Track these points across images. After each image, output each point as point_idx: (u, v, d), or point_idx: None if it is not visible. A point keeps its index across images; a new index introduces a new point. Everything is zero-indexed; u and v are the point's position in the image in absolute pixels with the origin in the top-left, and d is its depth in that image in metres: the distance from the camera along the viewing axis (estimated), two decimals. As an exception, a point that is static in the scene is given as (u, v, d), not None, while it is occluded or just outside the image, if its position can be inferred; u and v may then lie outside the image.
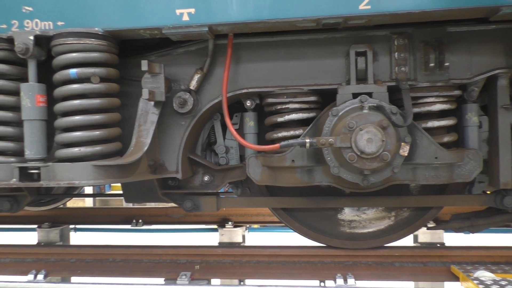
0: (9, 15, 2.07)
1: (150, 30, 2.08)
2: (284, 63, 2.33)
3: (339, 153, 2.09)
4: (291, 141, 2.12)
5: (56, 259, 2.90)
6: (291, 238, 4.87)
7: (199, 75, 2.33)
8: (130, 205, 11.33)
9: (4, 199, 2.72)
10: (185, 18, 2.01)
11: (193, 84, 2.33)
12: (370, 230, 2.81)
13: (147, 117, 2.28)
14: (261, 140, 2.55)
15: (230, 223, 4.31)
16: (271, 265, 2.79)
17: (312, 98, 2.37)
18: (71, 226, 4.54)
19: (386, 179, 2.21)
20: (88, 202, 11.34)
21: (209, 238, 4.44)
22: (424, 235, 3.59)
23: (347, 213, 2.83)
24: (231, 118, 2.40)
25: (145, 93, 2.12)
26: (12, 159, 2.13)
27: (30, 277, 2.81)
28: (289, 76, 2.33)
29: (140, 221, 4.49)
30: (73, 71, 2.02)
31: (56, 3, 2.04)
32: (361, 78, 2.24)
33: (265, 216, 4.65)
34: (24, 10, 2.06)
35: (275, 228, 5.01)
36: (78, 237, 4.59)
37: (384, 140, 2.03)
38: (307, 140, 2.08)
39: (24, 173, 2.07)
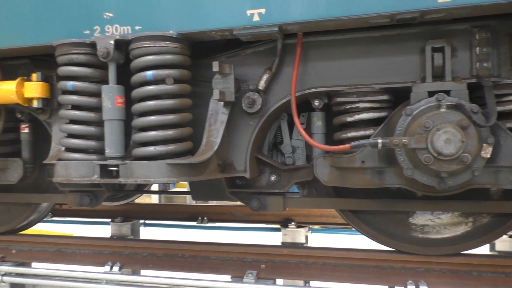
0: (92, 21, 2.21)
1: (221, 32, 2.11)
2: (354, 61, 2.27)
3: (413, 154, 2.00)
4: (362, 142, 2.06)
5: (130, 253, 3.05)
6: (354, 241, 4.76)
7: (267, 75, 2.34)
8: (193, 202, 11.69)
9: (85, 194, 2.91)
10: (256, 18, 2.02)
11: (261, 84, 2.34)
12: (445, 236, 2.66)
13: (217, 117, 2.32)
14: (327, 140, 2.51)
15: (293, 223, 4.29)
16: (337, 267, 2.73)
17: (384, 97, 2.28)
18: (141, 221, 4.76)
19: (465, 182, 2.07)
20: (154, 199, 11.89)
21: (272, 238, 4.46)
22: (503, 243, 3.34)
23: (419, 217, 2.70)
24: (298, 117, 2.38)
25: (215, 94, 2.17)
26: (94, 156, 2.27)
27: (107, 268, 2.98)
28: (359, 75, 2.27)
29: (205, 218, 4.61)
30: (149, 73, 2.12)
31: (134, 9, 2.15)
32: (438, 75, 2.13)
33: (328, 217, 4.58)
34: (105, 16, 2.18)
35: (337, 230, 4.92)
36: (147, 232, 4.82)
37: (464, 141, 1.91)
38: (379, 141, 2.02)
39: (104, 170, 2.19)
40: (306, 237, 4.29)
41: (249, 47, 2.39)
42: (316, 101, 2.40)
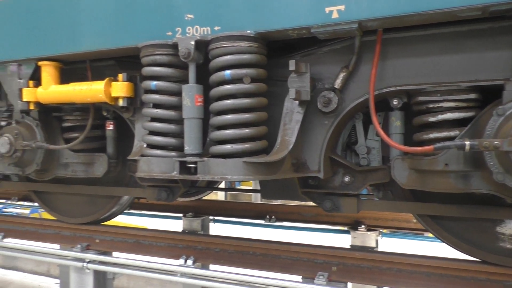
0: (174, 23, 2.30)
1: (298, 30, 2.10)
2: (437, 57, 2.15)
3: (506, 158, 1.85)
4: (447, 143, 1.94)
5: (203, 247, 3.14)
6: (428, 248, 4.52)
7: (344, 74, 2.28)
8: (259, 200, 11.81)
9: (162, 189, 3.05)
10: (335, 15, 1.99)
11: (338, 83, 2.30)
12: (538, 247, 2.43)
13: (292, 116, 2.31)
14: (405, 141, 2.40)
15: (363, 226, 4.18)
16: (414, 275, 2.60)
17: (471, 96, 2.13)
18: (211, 217, 4.89)
19: None
20: (220, 196, 12.20)
21: (340, 240, 4.37)
22: None
23: (508, 226, 2.49)
24: (372, 117, 2.30)
25: (291, 93, 2.16)
26: (173, 153, 2.37)
27: (181, 261, 3.10)
28: (443, 72, 2.14)
29: (273, 217, 4.63)
30: (227, 72, 2.16)
31: (214, 10, 2.20)
32: (535, 72, 1.95)
33: (400, 222, 4.40)
34: (186, 18, 2.26)
35: (409, 235, 4.70)
36: (216, 228, 4.94)
37: None
38: (467, 143, 1.88)
39: (183, 167, 2.27)
40: (377, 241, 4.16)
41: (325, 45, 2.35)
42: (395, 100, 2.30)
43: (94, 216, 3.52)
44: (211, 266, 3.37)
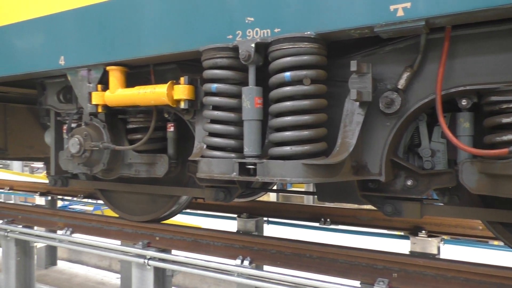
0: (234, 27, 2.33)
1: (360, 30, 2.05)
2: (512, 55, 2.01)
3: None
4: (524, 146, 1.81)
5: (259, 248, 3.15)
6: (494, 257, 4.25)
7: (408, 73, 2.20)
8: (311, 201, 11.70)
9: (220, 190, 3.10)
10: (400, 13, 1.92)
11: (401, 83, 2.22)
12: None
13: (352, 118, 2.27)
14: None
15: (423, 231, 4.00)
16: (483, 285, 2.46)
17: (550, 95, 1.98)
18: (265, 218, 4.91)
19: None
20: (272, 197, 12.24)
21: (398, 246, 4.22)
22: None
23: None
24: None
25: (353, 94, 2.12)
26: (232, 154, 2.40)
27: (238, 261, 3.13)
28: (519, 70, 2.00)
29: (328, 220, 4.56)
30: (287, 74, 2.15)
31: (274, 12, 2.20)
32: None
33: (464, 228, 4.17)
34: (246, 21, 2.29)
35: (474, 243, 4.45)
36: (270, 229, 4.95)
37: None
38: (547, 145, 1.75)
39: (242, 168, 2.29)
40: (438, 248, 3.97)
41: (387, 44, 2.28)
42: (464, 101, 2.18)
43: (155, 214, 3.65)
44: (267, 268, 3.38)
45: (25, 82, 3.92)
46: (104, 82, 2.99)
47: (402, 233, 4.51)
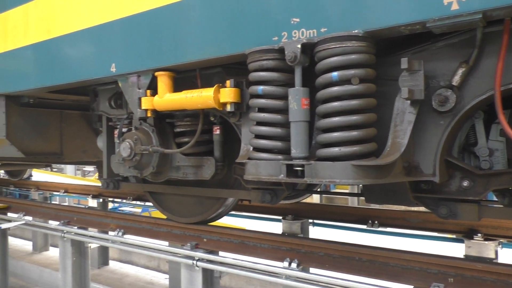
0: (280, 28, 2.32)
1: (411, 26, 1.98)
2: None
3: None
4: None
5: (307, 251, 3.13)
6: None
7: (463, 69, 2.10)
8: (355, 203, 11.49)
9: (266, 192, 3.10)
10: (454, 7, 1.84)
11: (456, 80, 2.12)
12: None
13: (403, 117, 2.19)
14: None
15: (479, 234, 3.81)
16: (549, 293, 2.30)
17: None
18: (310, 220, 4.86)
19: None
20: (315, 199, 12.12)
21: (450, 249, 4.05)
22: None
23: None
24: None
25: (404, 92, 2.05)
26: (279, 156, 2.39)
27: (285, 264, 3.12)
28: None
29: (376, 222, 4.45)
30: (334, 74, 2.12)
31: (320, 12, 2.18)
32: None
33: (525, 232, 3.92)
34: (292, 22, 2.27)
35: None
36: (315, 231, 4.90)
37: None
38: None
39: (290, 170, 2.28)
40: (496, 252, 3.76)
41: (440, 40, 2.19)
42: (525, 96, 2.06)
43: (202, 216, 3.71)
44: (314, 270, 3.35)
45: (79, 89, 4.11)
46: (153, 88, 3.08)
47: (454, 236, 4.33)
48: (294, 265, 3.10)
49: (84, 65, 3.40)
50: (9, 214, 5.64)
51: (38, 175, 13.55)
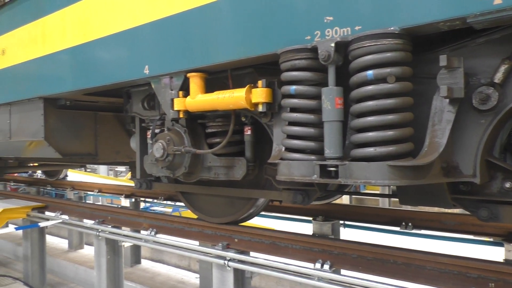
0: (313, 27, 2.30)
1: (451, 22, 1.92)
2: None
3: None
4: None
5: (339, 252, 3.08)
6: None
7: (506, 66, 2.02)
8: (386, 205, 11.26)
9: (298, 192, 3.08)
10: (497, 1, 1.76)
11: (498, 77, 2.04)
12: None
13: (442, 116, 2.13)
14: None
15: (520, 238, 3.66)
16: None
17: None
18: (341, 222, 4.79)
19: None
20: (344, 200, 11.96)
21: (488, 252, 3.90)
22: None
23: None
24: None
25: (443, 90, 1.98)
26: (312, 157, 2.36)
27: (317, 265, 3.08)
28: None
29: (410, 224, 4.34)
30: (369, 72, 2.08)
31: (355, 9, 2.14)
32: None
33: None
34: (325, 21, 2.25)
35: None
36: (347, 233, 4.83)
37: None
38: None
39: (323, 170, 2.25)
40: (539, 257, 3.61)
41: (480, 36, 2.11)
42: None
43: (233, 216, 3.72)
44: (347, 273, 3.29)
45: (112, 91, 4.21)
46: (185, 89, 3.11)
47: (492, 239, 4.17)
48: (326, 266, 3.06)
49: (119, 67, 3.47)
50: (47, 213, 5.83)
51: (73, 175, 13.98)
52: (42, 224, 5.34)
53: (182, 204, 7.31)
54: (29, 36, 4.48)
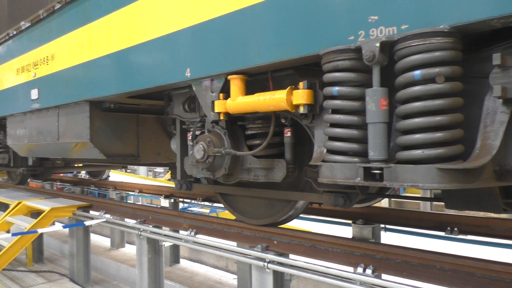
0: (356, 27, 2.26)
1: (505, 19, 1.82)
2: None
3: None
4: None
5: (382, 257, 3.00)
6: None
7: None
8: (428, 208, 10.91)
9: (339, 195, 3.03)
10: (557, -5, 1.66)
11: (557, 75, 1.92)
12: None
13: (494, 117, 2.03)
14: None
15: None
16: None
17: None
18: (382, 225, 4.68)
19: None
20: (383, 203, 11.68)
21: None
22: None
23: None
24: None
25: (496, 90, 1.90)
26: (355, 159, 2.32)
27: (359, 270, 3.02)
28: None
29: (455, 229, 4.18)
30: (417, 72, 2.02)
31: (401, 8, 2.08)
32: None
33: None
34: (370, 20, 2.20)
35: None
36: (388, 237, 4.71)
37: None
38: None
39: (367, 173, 2.21)
40: None
41: (536, 32, 2.01)
42: None
43: (272, 218, 3.71)
44: (391, 278, 3.21)
45: (154, 94, 4.32)
46: (225, 91, 3.14)
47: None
48: (368, 271, 2.99)
49: (161, 70, 3.55)
50: (91, 212, 6.05)
51: (114, 175, 14.45)
52: (88, 222, 5.54)
53: (220, 205, 7.39)
54: (76, 41, 4.67)
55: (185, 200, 7.57)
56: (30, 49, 5.73)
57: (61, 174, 11.98)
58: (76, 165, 9.61)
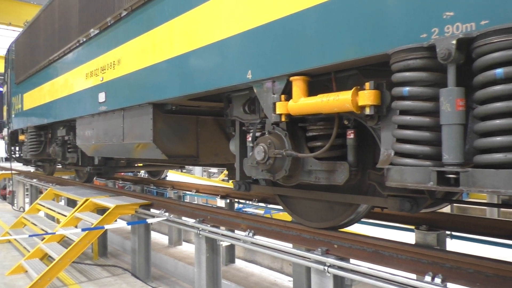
0: (429, 24, 2.15)
1: None
2: None
3: None
4: None
5: (452, 266, 2.84)
6: None
7: None
8: (495, 215, 10.24)
9: (406, 199, 2.91)
10: None
11: None
12: None
13: None
14: None
15: None
16: None
17: None
18: (447, 232, 4.44)
19: None
20: (445, 208, 11.09)
21: None
22: None
23: None
24: None
25: None
26: (427, 162, 2.21)
27: (427, 278, 2.88)
28: None
29: (532, 239, 3.88)
30: (499, 71, 1.89)
31: (480, 3, 1.95)
32: None
33: None
34: (444, 16, 2.09)
35: None
36: (454, 244, 4.46)
37: None
38: None
39: (441, 177, 2.09)
40: None
41: None
42: None
43: (333, 222, 3.64)
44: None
45: (213, 96, 4.39)
46: (287, 92, 3.12)
47: None
48: (438, 280, 2.84)
49: (222, 73, 3.60)
50: (152, 210, 6.27)
51: (172, 175, 14.92)
52: (150, 220, 5.75)
53: (274, 206, 7.38)
54: (141, 46, 4.87)
55: (240, 200, 7.64)
56: (98, 54, 6.06)
57: (122, 173, 12.56)
58: (137, 164, 10.02)
